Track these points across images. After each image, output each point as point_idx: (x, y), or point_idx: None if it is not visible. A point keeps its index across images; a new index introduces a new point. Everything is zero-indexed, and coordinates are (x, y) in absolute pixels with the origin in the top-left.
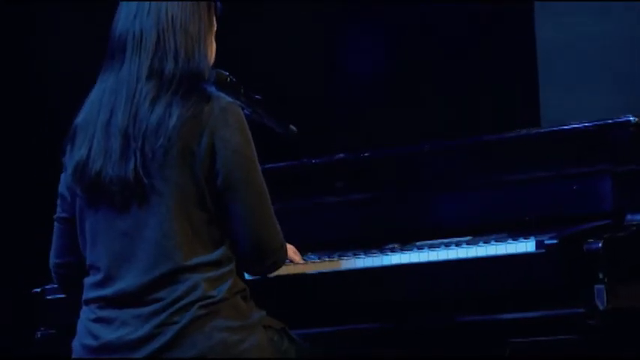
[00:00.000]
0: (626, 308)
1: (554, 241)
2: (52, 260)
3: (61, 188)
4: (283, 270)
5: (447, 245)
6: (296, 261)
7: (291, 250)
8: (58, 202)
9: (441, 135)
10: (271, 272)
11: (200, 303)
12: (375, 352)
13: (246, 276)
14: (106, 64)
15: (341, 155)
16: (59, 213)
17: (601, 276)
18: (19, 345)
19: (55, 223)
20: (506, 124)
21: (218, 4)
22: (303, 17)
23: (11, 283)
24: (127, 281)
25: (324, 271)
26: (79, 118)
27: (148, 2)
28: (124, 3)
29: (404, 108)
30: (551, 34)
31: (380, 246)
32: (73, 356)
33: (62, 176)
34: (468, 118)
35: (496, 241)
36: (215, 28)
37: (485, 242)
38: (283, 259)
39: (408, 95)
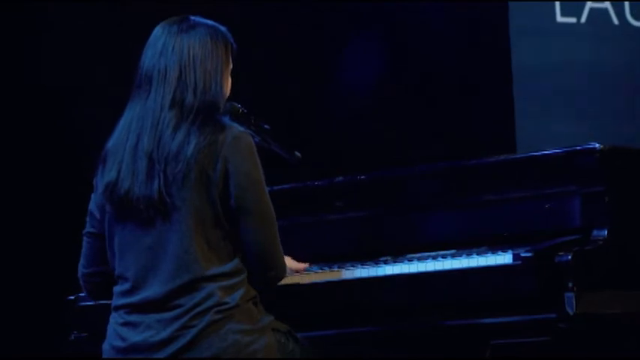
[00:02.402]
0: (593, 314)
1: (530, 254)
2: (81, 271)
3: (92, 206)
4: (289, 279)
5: (434, 258)
6: (301, 269)
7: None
8: (88, 218)
9: (427, 159)
10: (273, 285)
11: (216, 309)
12: (371, 353)
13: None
14: (134, 94)
15: (340, 178)
16: (88, 228)
17: (570, 285)
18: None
19: (84, 238)
20: (486, 150)
21: (234, 45)
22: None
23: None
24: (151, 290)
25: (326, 280)
26: (110, 144)
27: (173, 41)
28: (152, 41)
29: (396, 134)
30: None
31: (374, 258)
32: (103, 356)
33: (92, 195)
34: (454, 145)
35: (477, 254)
36: (231, 66)
37: (468, 255)
38: (283, 273)
39: (398, 122)
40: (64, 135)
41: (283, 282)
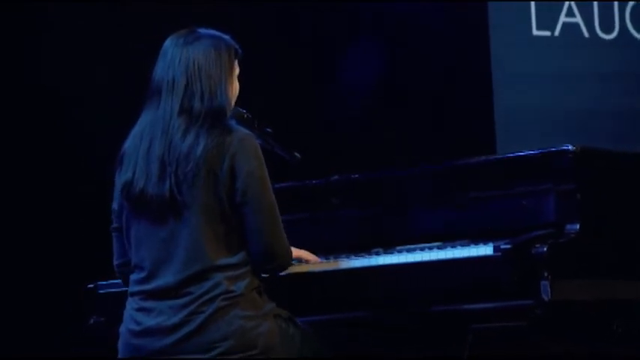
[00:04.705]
0: (566, 300)
1: (509, 246)
2: (114, 262)
3: (114, 204)
4: (290, 269)
5: (422, 249)
6: (312, 261)
7: (305, 253)
8: (112, 216)
9: (415, 159)
10: (278, 273)
11: (223, 296)
12: (362, 335)
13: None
14: (147, 104)
15: (335, 177)
16: (114, 224)
17: (546, 274)
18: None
19: (113, 233)
20: (467, 151)
21: (239, 50)
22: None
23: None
24: (164, 279)
25: (323, 270)
26: (126, 146)
27: (179, 53)
28: (162, 54)
29: (387, 137)
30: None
31: (367, 250)
32: (120, 339)
33: (114, 194)
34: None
35: (461, 246)
36: (237, 71)
37: (452, 247)
38: (288, 262)
39: (389, 127)
40: (64, 135)
41: (285, 271)
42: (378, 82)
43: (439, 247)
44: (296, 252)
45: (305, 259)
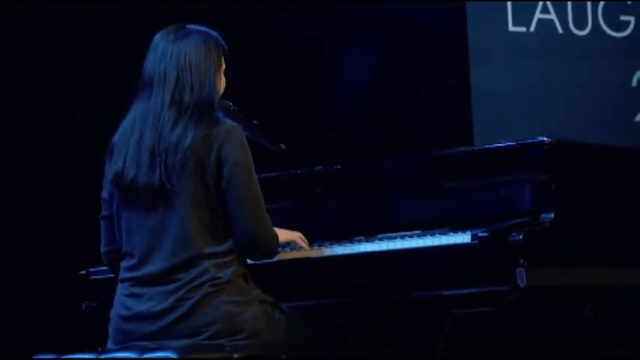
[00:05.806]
0: (541, 287)
1: (486, 234)
2: (102, 249)
3: (104, 193)
4: (277, 256)
5: (402, 237)
6: (303, 246)
7: (297, 236)
8: (102, 204)
9: (397, 151)
10: (264, 259)
11: (210, 282)
12: (346, 320)
13: (249, 261)
14: (138, 96)
15: (319, 167)
16: (103, 212)
17: (522, 261)
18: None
19: (101, 221)
20: (445, 142)
21: (225, 46)
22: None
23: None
24: (154, 266)
25: (308, 257)
26: (116, 137)
27: (170, 48)
28: (152, 48)
29: (386, 136)
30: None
31: (350, 238)
32: (110, 323)
33: (104, 184)
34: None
35: (440, 234)
36: (224, 67)
37: (431, 235)
38: (274, 249)
39: (388, 126)
40: (64, 135)
41: (272, 258)
42: (376, 81)
43: (419, 235)
44: (288, 235)
45: (294, 242)
